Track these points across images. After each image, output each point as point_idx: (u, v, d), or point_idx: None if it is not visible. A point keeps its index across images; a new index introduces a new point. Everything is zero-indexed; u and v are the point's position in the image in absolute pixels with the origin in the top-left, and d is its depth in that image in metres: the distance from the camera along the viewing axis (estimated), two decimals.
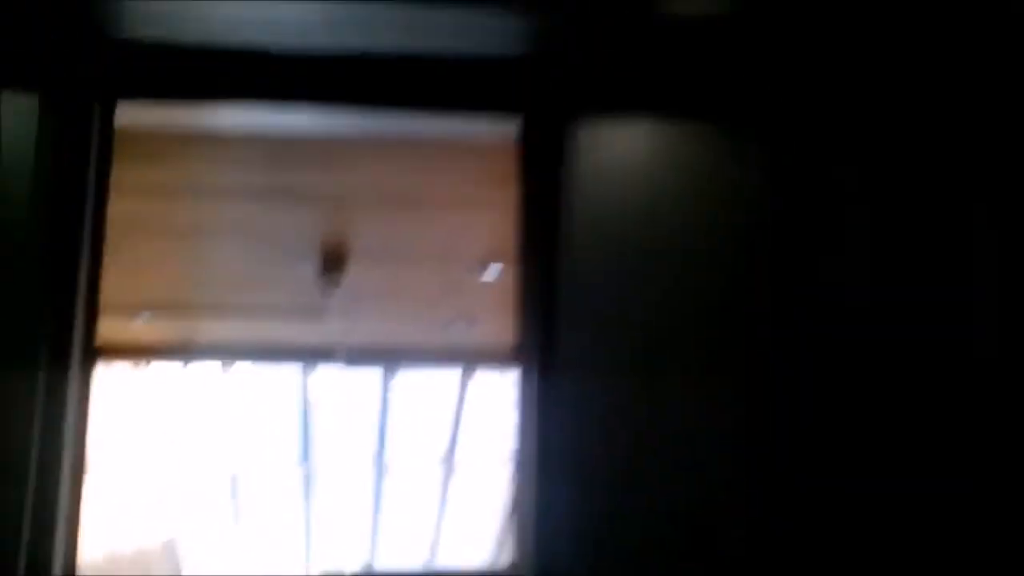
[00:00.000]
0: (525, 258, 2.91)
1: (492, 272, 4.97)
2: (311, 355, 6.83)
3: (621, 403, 2.76)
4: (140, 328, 5.51)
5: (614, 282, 2.79)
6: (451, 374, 7.42)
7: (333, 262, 5.03)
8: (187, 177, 4.09)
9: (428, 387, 7.64)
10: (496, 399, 7.33)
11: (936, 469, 2.79)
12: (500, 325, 3.43)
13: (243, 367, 7.30)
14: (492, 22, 2.58)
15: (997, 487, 2.81)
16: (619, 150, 2.85)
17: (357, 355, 6.78)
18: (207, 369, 7.19)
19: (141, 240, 4.44)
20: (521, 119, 2.89)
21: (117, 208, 2.82)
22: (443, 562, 8.00)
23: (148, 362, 6.80)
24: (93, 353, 2.67)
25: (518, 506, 2.85)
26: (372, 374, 7.37)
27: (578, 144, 2.82)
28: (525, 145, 2.90)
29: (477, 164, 3.77)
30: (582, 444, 2.74)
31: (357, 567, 7.52)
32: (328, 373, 7.24)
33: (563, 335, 2.76)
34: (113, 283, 2.84)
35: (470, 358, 6.88)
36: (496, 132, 2.94)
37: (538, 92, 2.86)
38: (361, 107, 2.79)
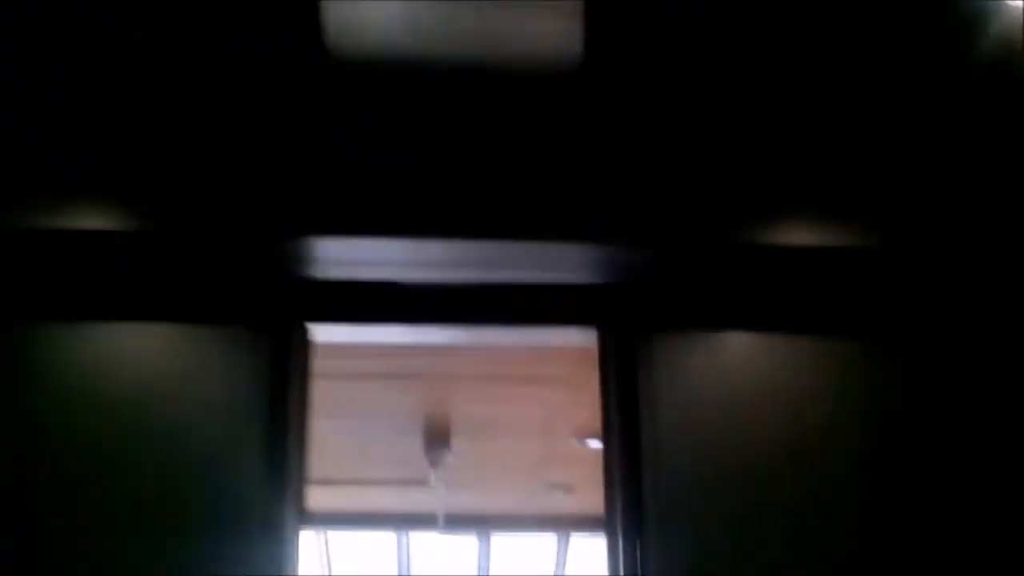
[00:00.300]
0: (609, 442, 3.13)
1: (590, 444, 5.07)
2: (411, 522, 6.93)
3: (706, 569, 2.92)
4: None
5: (692, 463, 3.01)
6: (547, 540, 7.44)
7: (437, 437, 5.16)
8: None
9: (525, 553, 7.66)
10: (593, 565, 7.32)
11: None
12: (596, 494, 3.53)
13: (341, 534, 7.41)
14: (577, 254, 2.93)
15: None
16: (696, 357, 3.12)
17: (456, 522, 6.85)
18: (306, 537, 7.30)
19: None
20: (599, 332, 3.20)
21: None
22: None
23: None
24: (302, 518, 3.12)
25: None
26: (469, 539, 7.42)
27: (656, 352, 3.10)
28: (604, 352, 3.19)
29: (572, 351, 3.93)
30: None
31: None
32: (427, 539, 7.32)
33: (647, 511, 2.96)
34: None
35: (567, 525, 6.91)
36: (583, 338, 3.26)
37: (616, 311, 3.16)
38: (461, 325, 3.24)
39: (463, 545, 7.46)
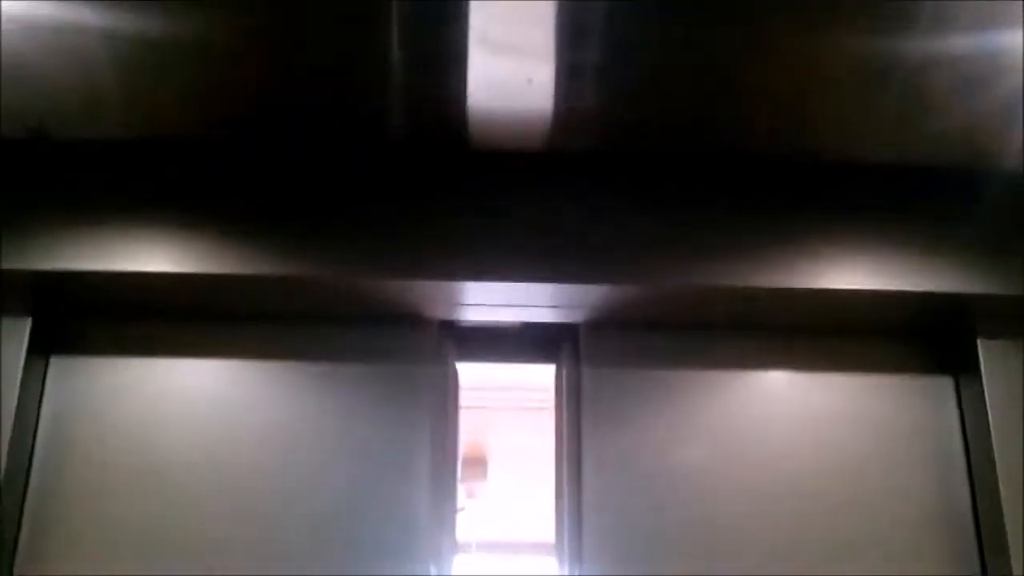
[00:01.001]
0: (558, 466, 3.30)
1: None
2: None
3: None
4: None
5: (628, 483, 3.14)
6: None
7: (474, 469, 5.29)
8: None
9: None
10: None
11: None
12: None
13: None
14: (541, 293, 3.10)
15: None
16: (644, 393, 3.23)
17: (487, 547, 6.95)
18: None
19: None
20: (556, 369, 3.43)
21: None
22: None
23: None
24: (457, 547, 3.25)
25: None
26: (501, 562, 7.52)
27: (603, 388, 3.24)
28: (557, 387, 3.39)
29: None
30: None
31: None
32: (457, 562, 7.42)
33: (587, 528, 3.09)
34: None
35: None
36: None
37: (569, 348, 3.35)
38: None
39: (495, 569, 7.56)
